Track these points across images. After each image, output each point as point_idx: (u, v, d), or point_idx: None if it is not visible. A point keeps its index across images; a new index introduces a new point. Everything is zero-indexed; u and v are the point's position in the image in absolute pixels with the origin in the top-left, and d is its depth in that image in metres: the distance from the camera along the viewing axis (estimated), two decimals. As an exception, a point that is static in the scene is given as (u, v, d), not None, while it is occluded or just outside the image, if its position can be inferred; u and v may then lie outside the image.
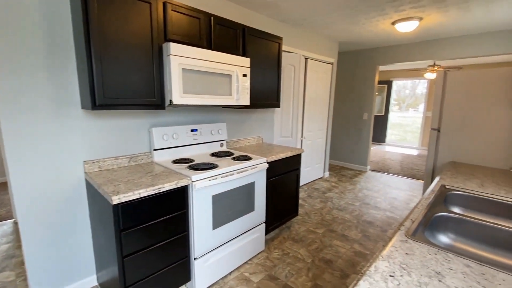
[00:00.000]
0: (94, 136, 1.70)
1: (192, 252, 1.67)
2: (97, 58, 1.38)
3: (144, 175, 1.61)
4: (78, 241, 1.72)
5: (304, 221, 2.82)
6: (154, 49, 1.61)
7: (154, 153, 1.94)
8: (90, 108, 1.43)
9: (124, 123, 1.83)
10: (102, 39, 1.39)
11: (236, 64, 2.02)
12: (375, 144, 8.15)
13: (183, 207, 1.58)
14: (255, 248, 2.15)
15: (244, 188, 1.94)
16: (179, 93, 1.68)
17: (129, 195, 1.30)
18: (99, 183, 1.45)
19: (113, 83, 1.47)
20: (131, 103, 1.55)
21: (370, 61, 4.60)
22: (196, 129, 2.18)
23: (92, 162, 1.69)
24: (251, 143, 2.85)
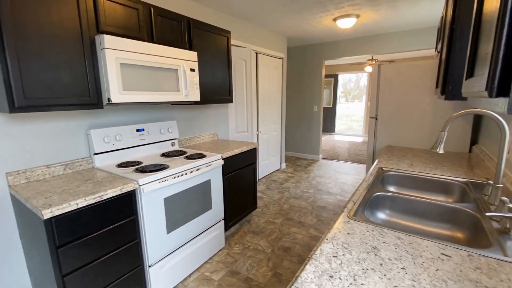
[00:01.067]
0: (17, 143, 1.47)
1: (145, 260, 1.57)
2: (13, 52, 1.18)
3: (83, 183, 1.45)
4: (9, 264, 1.48)
5: (264, 213, 2.88)
6: (84, 42, 1.44)
7: (94, 157, 1.76)
8: (7, 111, 1.22)
9: (55, 126, 1.62)
10: (17, 31, 1.19)
11: (182, 58, 1.93)
12: (325, 134, 8.69)
13: (131, 213, 1.47)
14: (215, 246, 2.13)
15: (199, 187, 1.89)
16: (118, 90, 1.54)
17: (64, 206, 1.16)
18: (27, 196, 1.26)
19: (36, 81, 1.27)
20: (60, 103, 1.37)
21: (317, 56, 4.84)
22: (142, 129, 2.04)
23: (17, 173, 1.46)
24: (205, 140, 2.79)
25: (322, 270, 0.68)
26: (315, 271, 0.68)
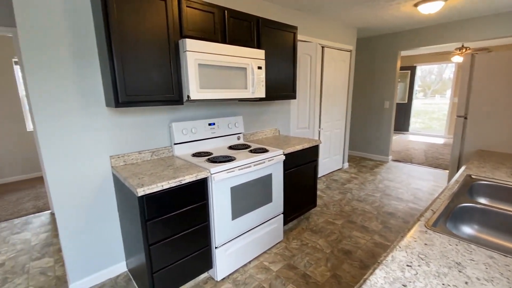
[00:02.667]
0: (118, 132, 1.80)
1: (213, 241, 1.74)
2: (118, 57, 1.45)
3: (165, 168, 1.69)
4: (107, 230, 1.85)
5: (323, 212, 2.82)
6: (170, 46, 1.65)
7: (174, 147, 2.02)
8: (113, 106, 1.51)
9: (146, 119, 1.91)
10: (121, 39, 1.45)
11: (250, 57, 2.02)
12: (397, 134, 7.85)
13: (203, 198, 1.64)
14: (274, 238, 2.19)
15: (262, 180, 1.97)
16: (196, 88, 1.72)
17: (152, 187, 1.37)
18: (125, 176, 1.54)
19: (134, 81, 1.53)
20: (151, 100, 1.61)
21: (391, 46, 4.39)
22: (213, 123, 2.23)
23: (117, 156, 1.79)
24: (267, 135, 2.87)
25: (394, 277, 0.65)
26: (385, 277, 0.65)
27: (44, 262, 2.09)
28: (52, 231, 2.59)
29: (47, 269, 2.00)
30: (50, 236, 2.49)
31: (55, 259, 2.12)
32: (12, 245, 2.35)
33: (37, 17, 1.44)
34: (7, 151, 4.11)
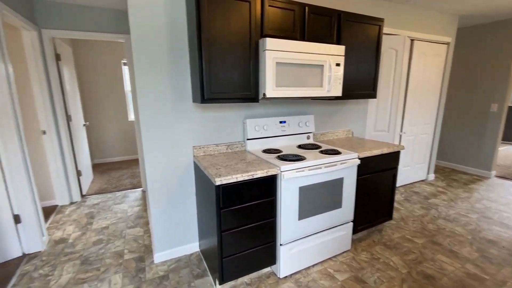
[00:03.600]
0: (201, 125, 1.99)
1: (278, 238, 1.75)
2: (206, 58, 1.59)
3: (239, 161, 1.78)
4: (186, 211, 2.07)
5: (399, 227, 2.51)
6: (251, 45, 1.72)
7: (247, 142, 2.11)
8: (199, 102, 1.67)
9: (224, 114, 2.06)
10: (209, 41, 1.59)
11: (329, 53, 1.94)
12: (506, 144, 6.34)
13: (272, 194, 1.67)
14: (341, 246, 2.07)
15: (332, 183, 1.88)
16: (272, 86, 1.75)
17: (228, 178, 1.47)
18: (205, 165, 1.69)
19: (217, 79, 1.66)
20: (231, 97, 1.72)
21: (506, 36, 3.55)
22: (284, 121, 2.23)
23: (199, 147, 1.98)
24: (339, 136, 2.71)
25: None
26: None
27: (136, 231, 2.50)
28: (142, 205, 3.07)
29: (138, 237, 2.38)
30: (141, 210, 2.96)
31: (144, 230, 2.51)
32: (114, 213, 2.88)
33: (145, 27, 1.70)
34: (113, 137, 5.07)
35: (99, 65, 4.73)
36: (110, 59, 4.80)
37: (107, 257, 2.09)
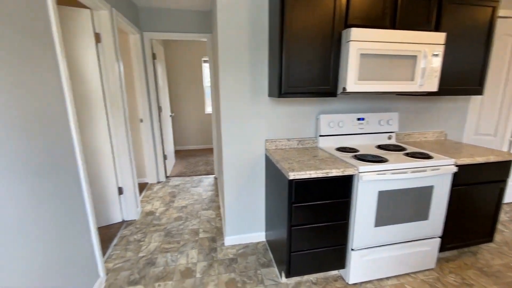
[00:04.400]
0: (274, 119, 2.02)
1: (350, 242, 1.65)
2: (286, 52, 1.59)
3: (311, 158, 1.74)
4: (255, 201, 2.16)
5: (502, 253, 2.05)
6: (334, 37, 1.64)
7: (319, 138, 2.04)
8: (276, 96, 1.69)
9: (297, 109, 2.04)
10: (290, 35, 1.58)
11: (425, 42, 1.69)
12: None
13: (346, 195, 1.58)
14: (423, 263, 1.82)
15: (418, 191, 1.65)
16: (354, 80, 1.63)
17: (301, 173, 1.45)
18: (277, 159, 1.71)
19: (295, 73, 1.64)
20: (307, 91, 1.68)
21: None
22: (363, 118, 2.07)
23: (271, 141, 2.02)
24: (428, 138, 2.36)
25: None
26: None
27: (209, 213, 2.74)
28: (214, 191, 3.34)
29: (211, 219, 2.60)
30: (213, 195, 3.22)
31: (216, 213, 2.72)
32: (191, 195, 3.22)
33: (230, 25, 1.80)
34: (191, 127, 5.64)
35: (183, 62, 5.30)
36: (192, 57, 5.31)
37: (185, 233, 2.35)
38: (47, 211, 1.25)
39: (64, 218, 1.39)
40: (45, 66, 1.31)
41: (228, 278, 1.80)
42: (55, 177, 1.33)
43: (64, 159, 1.42)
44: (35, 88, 1.22)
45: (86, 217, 1.62)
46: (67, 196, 1.42)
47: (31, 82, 1.19)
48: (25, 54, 1.16)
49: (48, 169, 1.27)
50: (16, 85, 1.10)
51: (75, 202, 1.51)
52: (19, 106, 1.11)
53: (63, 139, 1.42)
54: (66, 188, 1.42)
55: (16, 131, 1.08)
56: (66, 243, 1.39)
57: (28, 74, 1.17)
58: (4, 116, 1.02)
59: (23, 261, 1.08)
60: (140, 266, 1.92)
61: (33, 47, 1.22)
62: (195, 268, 1.90)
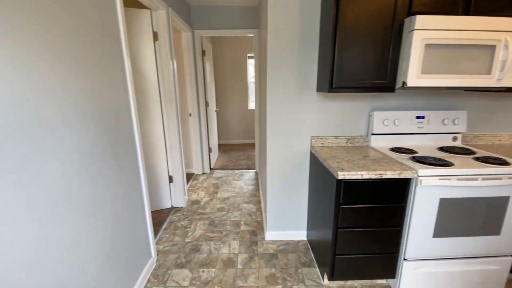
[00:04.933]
0: (321, 116, 1.94)
1: (402, 251, 1.52)
2: (339, 44, 1.51)
3: (362, 157, 1.64)
4: (297, 199, 2.12)
5: None
6: (394, 26, 1.50)
7: (371, 137, 1.91)
8: (326, 91, 1.62)
9: (346, 105, 1.93)
10: (345, 27, 1.49)
11: (506, 30, 1.44)
12: None
13: (401, 200, 1.45)
14: (488, 283, 1.59)
15: (490, 201, 1.44)
16: (416, 74, 1.48)
17: (352, 174, 1.37)
18: (324, 157, 1.65)
19: (348, 66, 1.55)
20: (360, 86, 1.58)
21: None
22: (422, 116, 1.87)
23: (317, 138, 1.96)
24: (502, 141, 2.04)
25: None
26: None
27: (250, 206, 2.78)
28: (255, 185, 3.38)
29: (252, 213, 2.64)
30: (254, 189, 3.27)
31: (257, 208, 2.76)
32: (233, 188, 3.31)
33: (281, 21, 1.77)
34: (234, 122, 5.78)
35: (228, 58, 5.43)
36: (237, 53, 5.41)
37: (227, 224, 2.43)
38: (113, 193, 1.40)
39: (126, 201, 1.54)
40: (114, 64, 1.45)
41: (268, 272, 1.81)
42: (119, 163, 1.48)
43: (126, 148, 1.57)
44: (107, 84, 1.36)
45: (142, 201, 1.77)
46: (128, 181, 1.57)
47: (104, 79, 1.33)
48: (100, 53, 1.30)
49: (113, 156, 1.42)
50: (92, 82, 1.24)
51: (135, 187, 1.66)
52: (95, 101, 1.25)
53: (126, 130, 1.57)
54: (127, 174, 1.57)
55: (92, 123, 1.22)
56: (126, 223, 1.55)
57: (101, 72, 1.31)
58: (84, 110, 1.16)
59: (92, 232, 1.22)
60: (187, 251, 2.05)
61: (106, 47, 1.36)
62: (237, 259, 1.95)
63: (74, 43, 1.11)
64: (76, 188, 1.11)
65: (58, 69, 1.01)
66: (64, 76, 1.05)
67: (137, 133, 1.69)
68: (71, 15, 1.10)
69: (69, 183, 1.06)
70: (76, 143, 1.11)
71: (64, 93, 1.04)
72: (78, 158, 1.12)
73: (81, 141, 1.14)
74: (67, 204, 1.05)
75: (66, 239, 1.04)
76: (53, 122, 0.98)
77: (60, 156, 1.01)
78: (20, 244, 0.83)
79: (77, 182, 1.11)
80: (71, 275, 1.07)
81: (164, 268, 1.86)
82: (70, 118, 1.07)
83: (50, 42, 0.97)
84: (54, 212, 0.98)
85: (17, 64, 0.82)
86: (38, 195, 0.91)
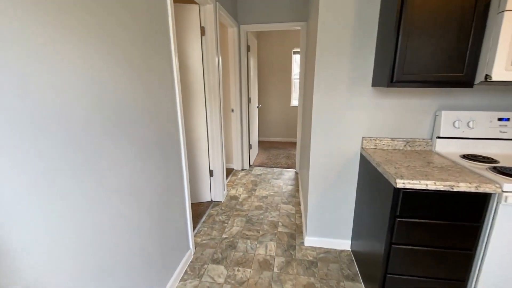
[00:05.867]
0: (374, 114, 1.73)
1: (473, 278, 1.26)
2: (405, 31, 1.29)
3: (425, 164, 1.40)
4: (342, 205, 1.94)
5: None
6: (477, 7, 1.23)
7: (436, 141, 1.63)
8: (384, 85, 1.42)
9: (406, 102, 1.68)
10: (413, 9, 1.27)
11: None
12: None
13: (476, 219, 1.19)
14: None
15: None
16: (504, 65, 1.20)
17: (414, 182, 1.17)
18: (378, 161, 1.45)
19: (414, 58, 1.33)
20: (428, 80, 1.34)
21: None
22: (507, 118, 1.53)
23: (369, 139, 1.75)
24: None
25: None
26: None
27: (289, 208, 2.67)
28: (295, 186, 3.25)
29: (290, 215, 2.53)
30: (294, 190, 3.14)
31: (296, 210, 2.63)
32: (272, 186, 3.22)
33: (333, 9, 1.61)
34: (275, 119, 5.67)
35: (273, 54, 5.33)
36: (282, 48, 5.28)
37: (265, 223, 2.36)
38: (156, 183, 1.42)
39: (168, 192, 1.56)
40: (163, 62, 1.46)
41: (306, 281, 1.68)
42: (164, 156, 1.50)
43: (172, 142, 1.59)
44: (157, 84, 1.38)
45: (183, 194, 1.80)
46: (171, 173, 1.60)
47: (155, 78, 1.35)
48: (150, 50, 1.31)
49: (160, 149, 1.44)
50: (146, 82, 1.26)
51: (177, 179, 1.68)
52: (149, 101, 1.27)
53: (172, 125, 1.59)
54: (171, 166, 1.59)
55: (147, 120, 1.24)
56: (168, 214, 1.57)
57: (153, 72, 1.33)
58: (138, 105, 1.18)
59: (135, 222, 1.25)
60: (223, 246, 2.03)
61: (155, 44, 1.37)
62: (273, 261, 1.87)
63: (131, 45, 1.13)
64: (127, 176, 1.13)
65: (125, 71, 1.04)
66: (129, 79, 1.07)
67: (181, 128, 1.70)
68: (127, 11, 1.11)
69: (122, 171, 1.09)
70: (136, 137, 1.13)
71: (133, 94, 1.07)
72: (135, 150, 1.15)
73: (138, 134, 1.17)
74: (115, 191, 1.08)
75: (111, 226, 1.07)
76: (125, 120, 1.00)
77: (126, 149, 1.04)
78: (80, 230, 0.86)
79: (128, 170, 1.14)
80: (115, 262, 1.10)
81: (201, 262, 1.87)
82: (134, 117, 1.09)
83: (119, 44, 0.99)
84: (109, 197, 1.01)
85: (102, 68, 0.85)
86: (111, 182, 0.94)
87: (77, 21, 0.87)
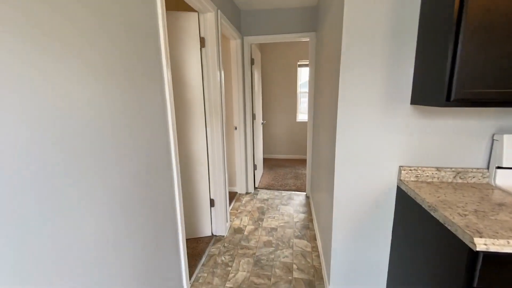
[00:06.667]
0: (415, 137, 1.40)
1: None
2: (467, 38, 0.98)
3: (496, 207, 1.05)
4: (373, 249, 1.57)
5: None
6: None
7: (496, 172, 1.29)
8: (435, 104, 1.09)
9: (455, 124, 1.35)
10: (477, 12, 0.96)
11: None
12: None
13: None
14: None
15: None
16: None
17: (500, 243, 0.82)
18: (431, 202, 1.10)
19: (477, 72, 1.01)
20: (493, 99, 1.01)
21: None
22: None
23: (409, 169, 1.40)
24: None
25: None
26: None
27: (303, 244, 2.28)
28: (307, 213, 2.87)
29: (306, 253, 2.14)
30: (306, 218, 2.76)
31: (312, 246, 2.25)
32: (281, 214, 2.85)
33: (361, 11, 1.32)
34: (281, 135, 5.36)
35: (277, 67, 5.09)
36: (286, 61, 5.04)
37: (276, 266, 1.98)
38: (142, 232, 1.08)
39: (156, 239, 1.21)
40: (152, 75, 1.16)
41: None
42: (151, 182, 1.16)
43: (161, 168, 1.25)
44: (143, 97, 1.06)
45: (177, 236, 1.44)
46: (159, 208, 1.25)
47: (141, 90, 1.04)
48: (136, 61, 1.01)
49: (145, 173, 1.11)
50: (128, 91, 0.94)
51: (168, 220, 1.33)
52: (130, 114, 0.95)
53: (162, 150, 1.26)
54: (159, 199, 1.25)
55: (125, 137, 0.92)
56: (156, 264, 1.21)
57: (138, 82, 1.02)
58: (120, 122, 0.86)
59: (115, 268, 0.89)
60: (227, 301, 1.65)
61: (142, 54, 1.07)
62: (290, 323, 1.48)
63: (115, 56, 0.82)
64: (100, 229, 0.79)
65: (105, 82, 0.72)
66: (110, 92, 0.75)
67: (174, 155, 1.38)
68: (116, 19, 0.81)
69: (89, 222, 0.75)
70: (109, 176, 0.80)
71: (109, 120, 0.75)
72: (109, 193, 0.81)
73: (112, 172, 0.83)
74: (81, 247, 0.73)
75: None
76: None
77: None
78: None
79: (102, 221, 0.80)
80: None
81: (199, 325, 1.48)
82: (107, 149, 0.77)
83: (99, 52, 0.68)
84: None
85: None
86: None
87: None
